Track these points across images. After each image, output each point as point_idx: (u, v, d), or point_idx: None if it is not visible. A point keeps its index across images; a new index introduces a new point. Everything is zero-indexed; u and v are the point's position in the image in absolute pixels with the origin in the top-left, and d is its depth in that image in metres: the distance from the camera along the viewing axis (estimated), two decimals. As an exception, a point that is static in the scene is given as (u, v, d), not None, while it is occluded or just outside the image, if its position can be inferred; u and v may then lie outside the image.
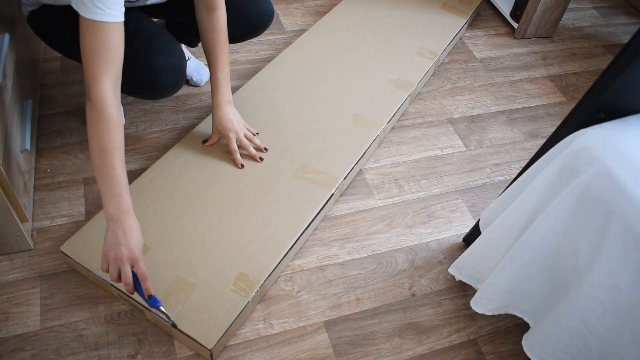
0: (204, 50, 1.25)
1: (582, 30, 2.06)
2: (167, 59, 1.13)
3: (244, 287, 1.07)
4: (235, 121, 1.27)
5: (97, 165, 0.93)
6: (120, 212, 0.91)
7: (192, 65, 1.58)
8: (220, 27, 1.20)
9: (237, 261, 1.11)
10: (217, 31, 1.20)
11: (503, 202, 1.03)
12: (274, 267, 1.12)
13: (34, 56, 1.51)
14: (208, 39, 1.21)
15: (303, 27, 1.86)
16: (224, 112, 1.25)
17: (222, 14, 1.20)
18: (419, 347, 1.10)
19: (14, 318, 1.07)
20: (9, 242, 1.13)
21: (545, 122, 1.66)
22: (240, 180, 1.26)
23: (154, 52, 1.12)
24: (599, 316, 0.81)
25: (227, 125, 1.26)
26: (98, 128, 0.92)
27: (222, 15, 1.20)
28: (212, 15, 1.19)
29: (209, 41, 1.22)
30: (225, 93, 1.24)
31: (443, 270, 1.24)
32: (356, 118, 1.45)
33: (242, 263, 1.11)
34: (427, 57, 1.68)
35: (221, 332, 1.01)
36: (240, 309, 1.04)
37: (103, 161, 0.92)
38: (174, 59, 1.14)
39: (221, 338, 1.01)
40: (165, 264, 1.10)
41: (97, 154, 0.92)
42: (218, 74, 1.23)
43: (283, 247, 1.15)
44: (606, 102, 0.82)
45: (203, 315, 1.03)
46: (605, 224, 0.77)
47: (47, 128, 1.43)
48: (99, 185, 0.92)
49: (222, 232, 1.16)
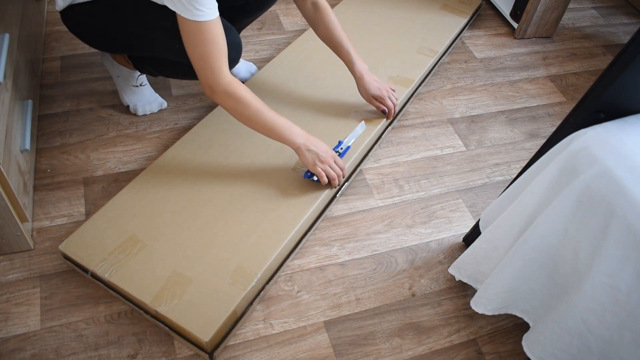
0: (322, 38, 1.37)
1: (582, 30, 2.06)
2: (227, 36, 1.16)
3: (241, 280, 1.07)
4: (380, 83, 1.41)
5: (261, 128, 1.15)
6: (303, 136, 1.17)
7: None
8: (329, 11, 1.34)
9: (234, 255, 1.11)
10: (328, 14, 1.33)
11: (503, 202, 1.03)
12: (271, 259, 1.11)
13: (34, 56, 1.51)
14: (323, 26, 1.34)
15: (303, 27, 1.86)
16: (370, 77, 1.39)
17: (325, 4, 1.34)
18: (419, 347, 1.10)
19: (14, 318, 1.07)
20: (9, 242, 1.13)
21: (545, 122, 1.65)
22: (238, 176, 1.26)
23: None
24: (599, 316, 0.81)
25: (379, 86, 1.40)
26: (242, 107, 1.11)
27: (326, 4, 1.34)
28: (317, 7, 1.33)
29: (326, 26, 1.34)
30: (362, 62, 1.38)
31: (443, 270, 1.24)
32: (356, 114, 1.45)
33: (240, 256, 1.11)
34: (427, 54, 1.69)
35: (217, 325, 0.99)
36: (236, 302, 1.03)
37: (264, 122, 1.13)
38: (232, 35, 1.20)
39: (217, 331, 0.99)
40: (161, 259, 1.09)
41: (256, 123, 1.13)
42: (349, 49, 1.35)
43: (281, 240, 1.14)
44: (606, 102, 0.82)
45: (199, 309, 1.02)
46: (605, 224, 0.77)
47: (47, 128, 1.43)
48: (275, 138, 1.16)
49: (219, 227, 1.16)
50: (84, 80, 1.57)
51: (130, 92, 1.45)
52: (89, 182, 1.32)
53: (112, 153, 1.39)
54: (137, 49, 1.26)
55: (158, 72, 1.36)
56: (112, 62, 1.40)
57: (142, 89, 1.46)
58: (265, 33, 1.83)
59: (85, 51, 1.66)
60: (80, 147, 1.39)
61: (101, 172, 1.34)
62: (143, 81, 1.46)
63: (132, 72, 1.41)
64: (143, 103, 1.48)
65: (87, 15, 1.20)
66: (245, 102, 1.10)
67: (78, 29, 1.25)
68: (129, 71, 1.41)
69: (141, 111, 1.48)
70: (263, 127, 1.15)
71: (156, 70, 1.35)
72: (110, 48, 1.31)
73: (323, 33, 1.36)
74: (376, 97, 1.41)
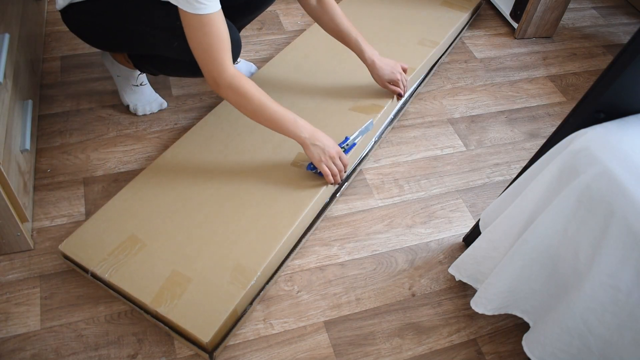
0: (329, 31, 1.37)
1: (582, 30, 2.06)
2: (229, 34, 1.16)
3: (241, 278, 1.06)
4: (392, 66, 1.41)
5: (266, 121, 1.13)
6: (309, 130, 1.16)
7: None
8: (333, 3, 1.34)
9: (233, 252, 1.10)
10: (333, 6, 1.33)
11: (503, 202, 1.03)
12: (271, 256, 1.10)
13: (34, 56, 1.51)
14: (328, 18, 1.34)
15: (303, 27, 1.86)
16: (381, 62, 1.40)
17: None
18: (419, 347, 1.10)
19: (14, 318, 1.07)
20: (9, 242, 1.13)
21: (545, 122, 1.65)
22: (237, 173, 1.26)
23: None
24: (599, 316, 0.81)
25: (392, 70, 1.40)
26: (246, 100, 1.10)
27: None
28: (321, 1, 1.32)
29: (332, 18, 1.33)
30: (371, 49, 1.38)
31: (443, 270, 1.24)
32: (356, 105, 1.45)
33: (239, 254, 1.10)
34: (428, 45, 1.69)
35: (217, 325, 0.99)
36: (236, 301, 1.03)
37: (268, 115, 1.12)
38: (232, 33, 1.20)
39: (217, 331, 0.99)
40: (161, 258, 1.09)
41: (261, 115, 1.12)
42: (357, 38, 1.36)
43: (281, 236, 1.13)
44: (606, 102, 0.82)
45: (199, 308, 1.01)
46: (605, 224, 0.77)
47: (47, 128, 1.43)
48: (280, 131, 1.15)
49: (218, 224, 1.15)
50: (84, 80, 1.57)
51: (131, 92, 1.45)
52: (89, 182, 1.32)
53: (112, 153, 1.39)
54: (138, 47, 1.26)
55: (158, 70, 1.36)
56: (112, 61, 1.40)
57: (142, 89, 1.46)
58: (265, 33, 1.83)
59: (85, 51, 1.66)
60: (80, 147, 1.39)
61: (101, 172, 1.34)
62: (143, 81, 1.46)
63: (132, 72, 1.41)
64: (143, 103, 1.48)
65: (87, 13, 1.20)
66: (249, 95, 1.10)
67: (78, 28, 1.25)
68: (129, 70, 1.41)
69: (141, 111, 1.48)
70: (268, 120, 1.14)
71: (156, 69, 1.35)
72: (111, 47, 1.31)
73: (329, 25, 1.36)
74: (391, 81, 1.41)
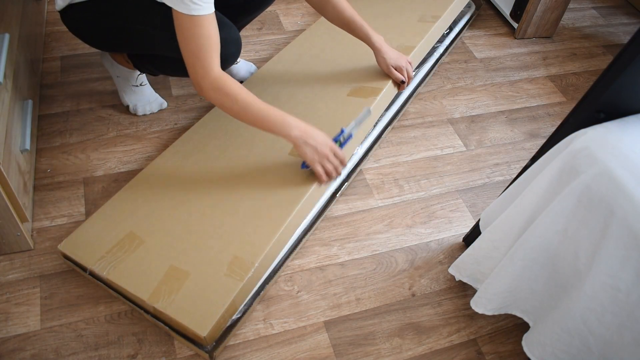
0: (333, 20, 1.37)
1: (582, 30, 2.06)
2: (227, 32, 1.15)
3: (239, 271, 1.06)
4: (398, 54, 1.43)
5: (253, 121, 1.11)
6: (299, 128, 1.12)
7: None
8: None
9: (231, 245, 1.10)
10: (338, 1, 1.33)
11: (503, 202, 1.03)
12: (268, 247, 1.09)
13: (34, 56, 1.51)
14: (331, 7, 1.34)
15: (303, 27, 1.86)
16: (388, 48, 1.41)
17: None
18: (419, 347, 1.10)
19: (14, 318, 1.07)
20: (9, 242, 1.13)
21: (545, 122, 1.65)
22: (234, 168, 1.25)
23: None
24: (599, 316, 0.81)
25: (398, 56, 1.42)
26: (231, 100, 1.08)
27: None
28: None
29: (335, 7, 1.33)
30: (377, 34, 1.39)
31: (443, 270, 1.24)
32: (354, 90, 1.44)
33: (236, 246, 1.09)
34: (429, 21, 1.69)
35: (215, 318, 0.98)
36: (234, 294, 1.02)
37: (255, 115, 1.10)
38: (232, 32, 1.20)
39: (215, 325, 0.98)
40: (159, 253, 1.09)
41: (246, 115, 1.10)
42: (362, 24, 1.36)
43: (277, 227, 1.12)
44: (606, 102, 0.82)
45: (197, 302, 1.01)
46: (605, 224, 0.77)
47: (47, 128, 1.43)
48: (269, 130, 1.12)
49: (215, 217, 1.15)
50: (84, 80, 1.57)
51: (130, 92, 1.45)
52: (89, 182, 1.32)
53: (112, 153, 1.39)
54: (137, 47, 1.26)
55: (158, 70, 1.36)
56: (112, 62, 1.40)
57: (142, 89, 1.46)
58: (265, 33, 1.83)
59: (85, 51, 1.66)
60: (80, 147, 1.39)
61: (101, 172, 1.34)
62: (143, 81, 1.46)
63: (132, 72, 1.41)
64: (143, 103, 1.48)
65: (86, 14, 1.20)
66: (233, 95, 1.08)
67: (78, 28, 1.25)
68: (128, 71, 1.41)
69: (141, 111, 1.48)
70: (255, 121, 1.12)
71: (156, 69, 1.35)
72: (110, 47, 1.31)
73: (333, 14, 1.36)
74: (395, 67, 1.42)
